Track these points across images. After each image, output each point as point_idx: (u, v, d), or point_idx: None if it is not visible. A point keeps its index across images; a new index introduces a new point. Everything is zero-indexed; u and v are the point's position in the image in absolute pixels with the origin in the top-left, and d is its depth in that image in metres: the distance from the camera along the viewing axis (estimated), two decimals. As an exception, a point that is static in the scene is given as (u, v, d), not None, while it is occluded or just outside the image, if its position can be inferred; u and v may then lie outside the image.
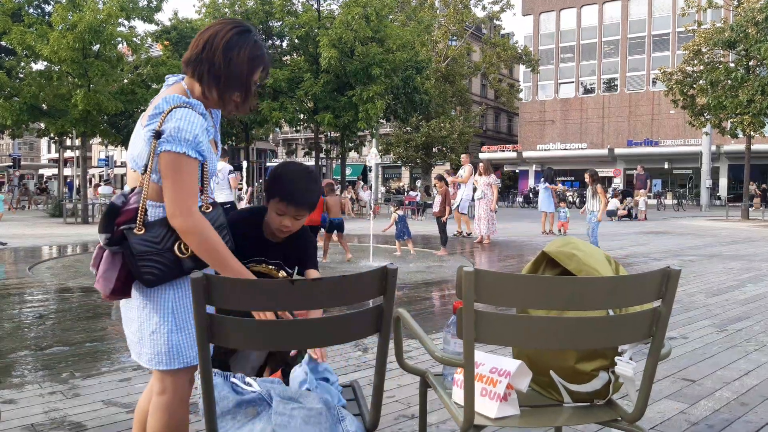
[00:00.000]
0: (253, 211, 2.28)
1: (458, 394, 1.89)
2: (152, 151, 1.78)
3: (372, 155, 14.33)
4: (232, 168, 10.43)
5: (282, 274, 2.25)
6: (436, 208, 11.03)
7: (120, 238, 1.78)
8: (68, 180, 33.90)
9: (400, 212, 10.72)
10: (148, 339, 1.83)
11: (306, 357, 2.00)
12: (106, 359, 4.03)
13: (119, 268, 1.79)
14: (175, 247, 1.78)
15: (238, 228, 2.07)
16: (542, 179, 15.71)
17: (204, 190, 1.87)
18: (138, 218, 1.78)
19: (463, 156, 14.67)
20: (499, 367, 1.85)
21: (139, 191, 1.81)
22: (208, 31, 1.87)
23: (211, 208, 1.86)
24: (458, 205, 13.63)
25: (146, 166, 1.79)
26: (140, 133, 1.85)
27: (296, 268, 2.31)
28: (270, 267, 2.25)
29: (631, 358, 1.81)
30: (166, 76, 1.98)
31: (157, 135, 1.76)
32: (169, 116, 1.77)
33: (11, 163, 37.53)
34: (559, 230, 14.86)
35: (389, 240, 12.79)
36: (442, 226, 10.70)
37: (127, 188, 1.93)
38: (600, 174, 44.72)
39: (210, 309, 1.65)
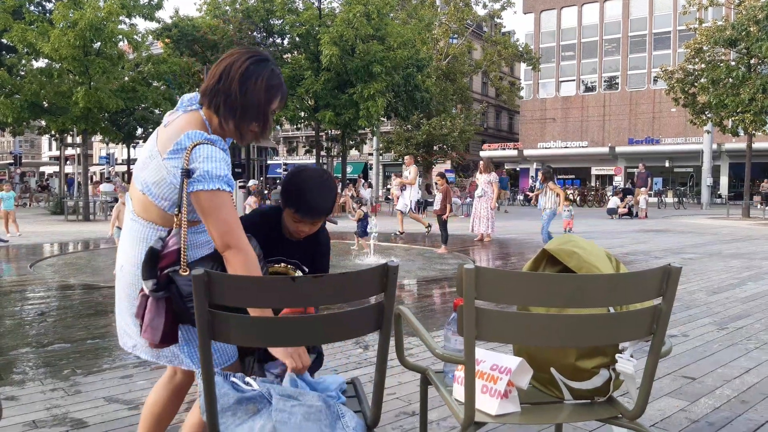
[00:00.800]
0: (271, 211, 2.26)
1: (459, 391, 1.90)
2: (182, 189, 1.77)
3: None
4: None
5: (299, 273, 2.26)
6: (437, 206, 11.02)
7: (166, 282, 1.77)
8: (68, 177, 33.92)
9: (365, 209, 10.86)
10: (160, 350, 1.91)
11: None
12: (107, 356, 4.03)
13: (165, 314, 1.79)
14: None
15: (261, 229, 2.10)
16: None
17: None
18: (181, 259, 1.77)
19: (406, 157, 14.51)
20: (499, 365, 1.86)
21: (176, 233, 1.80)
22: (224, 62, 1.85)
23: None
24: (410, 207, 13.65)
25: (179, 206, 1.79)
26: (159, 162, 1.83)
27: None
28: (288, 267, 2.26)
29: (631, 356, 1.81)
30: (182, 97, 1.95)
31: (187, 173, 1.76)
32: (195, 154, 1.76)
33: (12, 161, 37.53)
34: (565, 229, 14.79)
35: (389, 238, 12.80)
36: (443, 224, 10.70)
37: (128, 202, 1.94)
38: (601, 172, 44.16)
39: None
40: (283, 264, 2.24)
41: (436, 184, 12.58)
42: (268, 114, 1.87)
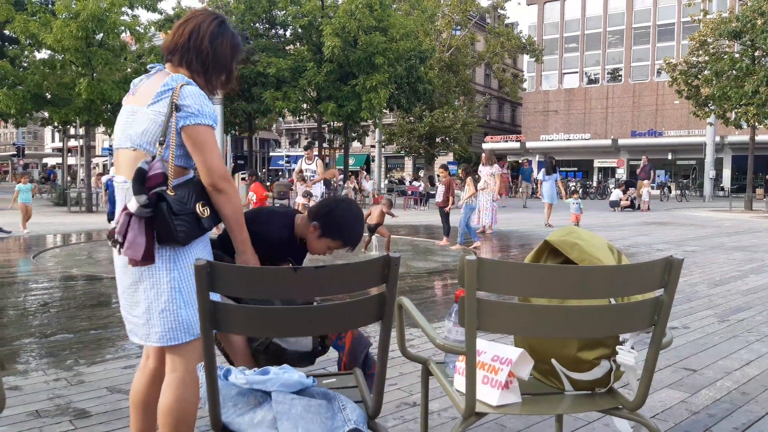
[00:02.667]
0: (287, 215, 2.38)
1: (460, 382, 1.91)
2: (168, 123, 1.90)
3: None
4: None
5: None
6: (439, 198, 11.02)
7: (155, 200, 1.87)
8: (48, 169, 33.82)
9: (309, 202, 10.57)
10: (158, 318, 1.93)
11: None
12: (110, 346, 4.05)
13: (146, 235, 1.88)
14: (197, 208, 1.92)
15: (283, 232, 2.28)
16: (543, 169, 15.48)
17: None
18: (169, 181, 1.90)
19: (307, 151, 12.97)
20: (500, 355, 1.86)
21: (160, 158, 1.92)
22: (191, 23, 2.04)
23: None
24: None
25: (164, 136, 1.93)
26: (143, 113, 1.97)
27: None
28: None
29: (632, 347, 1.82)
30: (148, 66, 2.13)
31: (176, 107, 1.90)
32: (184, 92, 1.92)
33: (15, 152, 37.57)
34: (574, 222, 14.62)
35: (392, 230, 12.79)
36: (445, 217, 10.71)
37: (112, 171, 2.08)
38: (604, 165, 44.04)
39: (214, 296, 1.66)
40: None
41: (438, 176, 12.53)
42: (232, 68, 2.13)
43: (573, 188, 14.92)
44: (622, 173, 41.36)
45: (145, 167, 1.89)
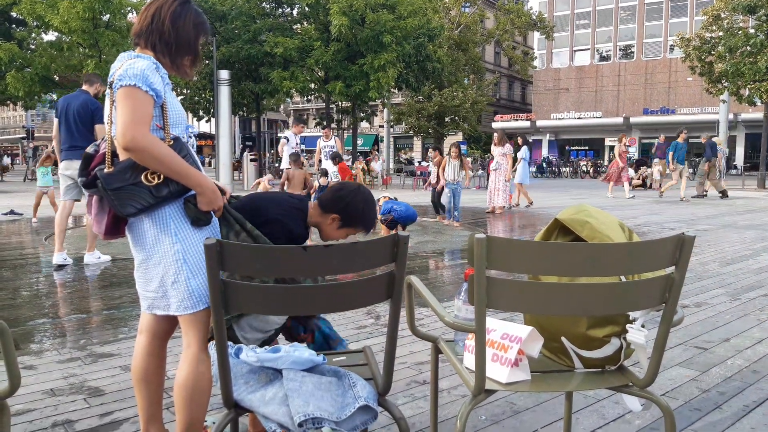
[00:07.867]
0: (302, 209, 2.32)
1: (470, 360, 1.91)
2: (111, 102, 1.94)
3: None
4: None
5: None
6: (433, 179, 11.09)
7: (94, 179, 1.94)
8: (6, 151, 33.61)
9: (323, 182, 10.22)
10: (172, 289, 1.98)
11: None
12: (123, 326, 4.09)
13: (107, 211, 1.97)
14: (143, 178, 1.89)
15: (303, 233, 2.26)
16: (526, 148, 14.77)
17: (166, 133, 1.97)
18: (106, 159, 1.94)
19: (324, 129, 12.93)
20: (510, 333, 1.86)
21: (106, 139, 2.00)
22: (154, 5, 2.07)
23: (172, 142, 1.98)
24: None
25: (109, 116, 1.97)
26: (107, 100, 2.06)
27: None
28: None
29: (642, 326, 1.81)
30: (120, 54, 2.13)
31: (110, 85, 1.94)
32: (123, 68, 1.94)
33: (25, 135, 37.72)
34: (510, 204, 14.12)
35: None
36: (438, 196, 10.82)
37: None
38: (615, 143, 44.06)
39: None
40: None
41: (429, 156, 12.53)
42: (197, 48, 2.12)
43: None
44: (633, 152, 41.00)
45: (91, 151, 2.02)
